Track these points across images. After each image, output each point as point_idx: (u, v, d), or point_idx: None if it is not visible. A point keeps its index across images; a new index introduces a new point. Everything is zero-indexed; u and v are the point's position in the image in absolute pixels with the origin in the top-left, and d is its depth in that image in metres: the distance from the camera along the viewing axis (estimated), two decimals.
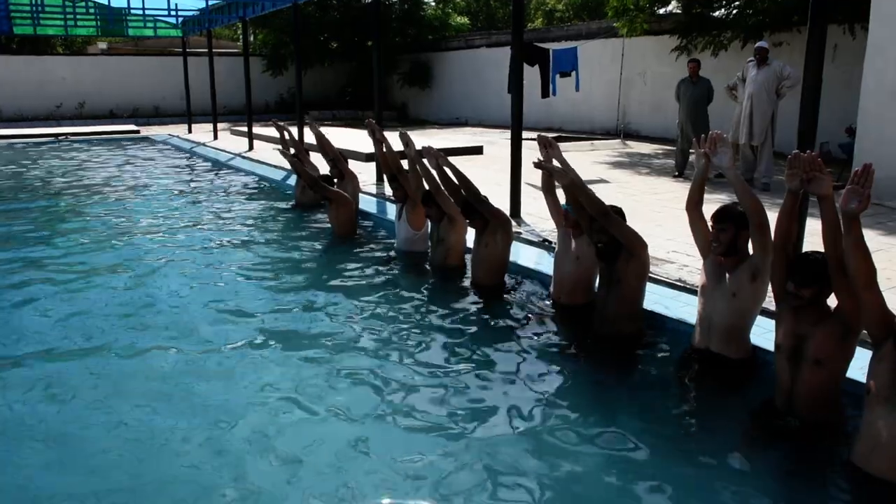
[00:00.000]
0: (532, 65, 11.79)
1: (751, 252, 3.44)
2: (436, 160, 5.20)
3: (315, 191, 7.11)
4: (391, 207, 7.29)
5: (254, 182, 10.75)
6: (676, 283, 4.79)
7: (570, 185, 4.05)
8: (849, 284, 2.78)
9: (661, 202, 7.85)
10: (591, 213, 3.98)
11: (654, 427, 3.24)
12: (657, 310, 4.31)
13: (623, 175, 10.16)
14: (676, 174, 9.87)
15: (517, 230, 6.37)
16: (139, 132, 19.26)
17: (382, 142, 6.20)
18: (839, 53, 11.05)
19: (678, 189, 8.60)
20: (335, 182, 7.42)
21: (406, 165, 5.98)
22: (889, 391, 2.61)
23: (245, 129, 15.12)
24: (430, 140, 14.39)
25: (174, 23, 18.11)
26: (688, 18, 13.66)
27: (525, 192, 7.17)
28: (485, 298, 4.94)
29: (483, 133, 17.23)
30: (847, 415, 3.10)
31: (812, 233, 3.65)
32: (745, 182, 3.44)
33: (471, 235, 5.31)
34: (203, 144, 15.78)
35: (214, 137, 16.87)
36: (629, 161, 11.85)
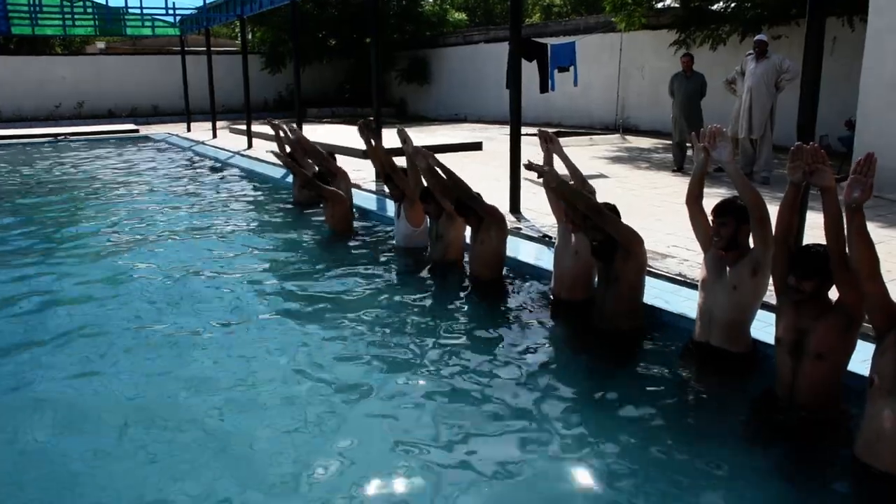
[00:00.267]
0: (530, 60, 11.75)
1: (751, 246, 3.44)
2: (426, 160, 5.20)
3: (310, 189, 7.11)
4: (390, 204, 7.28)
5: (252, 180, 10.73)
6: (677, 278, 4.78)
7: (559, 187, 4.03)
8: (850, 277, 2.77)
9: (661, 197, 7.83)
10: (584, 211, 3.97)
11: (655, 421, 3.23)
12: (657, 304, 4.31)
13: (622, 170, 10.14)
14: (675, 169, 9.86)
15: (517, 226, 6.36)
16: (138, 131, 19.23)
17: (375, 143, 6.18)
18: (838, 46, 11.01)
19: (677, 183, 8.58)
20: (329, 180, 7.40)
21: (405, 162, 5.96)
22: (892, 383, 2.60)
23: (244, 128, 15.10)
24: (430, 136, 14.45)
25: (172, 21, 18.08)
26: (686, 12, 13.62)
27: (525, 188, 7.16)
28: (484, 293, 4.95)
29: (482, 129, 17.20)
30: (849, 408, 3.09)
31: (812, 226, 3.64)
32: (745, 176, 3.43)
33: (469, 233, 5.31)
34: (202, 143, 15.76)
35: (213, 136, 16.85)
36: (628, 156, 11.83)
